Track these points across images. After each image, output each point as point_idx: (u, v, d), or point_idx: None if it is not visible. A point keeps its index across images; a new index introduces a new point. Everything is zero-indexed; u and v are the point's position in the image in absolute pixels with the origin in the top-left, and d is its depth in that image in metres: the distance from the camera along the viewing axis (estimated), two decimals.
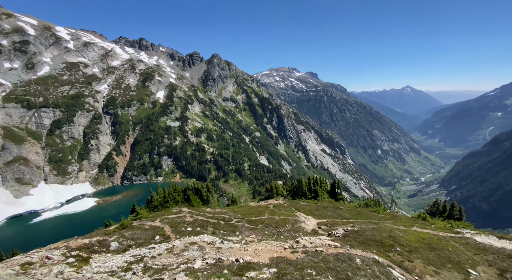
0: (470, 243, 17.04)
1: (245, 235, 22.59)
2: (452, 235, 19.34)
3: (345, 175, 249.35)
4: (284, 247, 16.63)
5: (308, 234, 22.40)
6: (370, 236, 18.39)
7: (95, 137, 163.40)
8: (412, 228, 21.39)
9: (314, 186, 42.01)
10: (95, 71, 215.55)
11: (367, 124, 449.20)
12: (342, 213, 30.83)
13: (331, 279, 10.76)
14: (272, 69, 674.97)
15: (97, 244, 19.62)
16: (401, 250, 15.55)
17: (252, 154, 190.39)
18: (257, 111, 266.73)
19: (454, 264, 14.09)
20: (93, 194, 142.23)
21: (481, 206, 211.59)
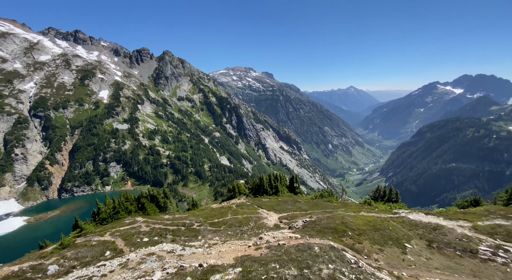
0: (405, 221, 19.94)
1: (208, 239, 22.02)
2: (391, 215, 22.33)
3: (302, 169, 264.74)
4: (248, 245, 16.77)
5: (271, 229, 23.08)
6: (326, 224, 19.92)
7: (20, 145, 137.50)
8: (360, 213, 23.93)
9: (274, 182, 43.45)
10: (17, 67, 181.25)
11: (319, 121, 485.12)
12: (300, 206, 32.64)
13: (294, 270, 11.29)
14: (229, 68, 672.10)
15: (30, 270, 16.61)
16: (352, 234, 17.27)
17: (212, 155, 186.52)
18: (215, 111, 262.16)
19: (394, 241, 16.30)
20: (21, 212, 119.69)
21: (412, 188, 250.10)
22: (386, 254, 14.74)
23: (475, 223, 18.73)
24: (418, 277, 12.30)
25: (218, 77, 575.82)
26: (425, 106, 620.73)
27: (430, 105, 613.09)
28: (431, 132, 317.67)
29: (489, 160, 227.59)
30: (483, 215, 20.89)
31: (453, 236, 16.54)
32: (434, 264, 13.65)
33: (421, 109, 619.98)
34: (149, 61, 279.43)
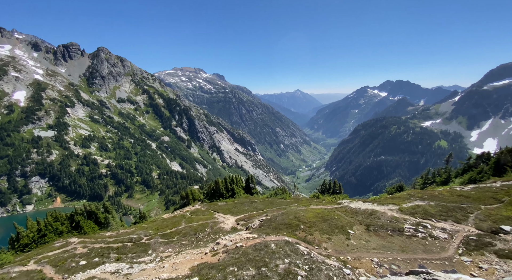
0: (347, 210, 22.31)
1: (159, 252, 20.36)
2: (336, 206, 24.70)
3: (257, 170, 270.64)
4: (205, 252, 16.16)
5: (228, 233, 22.77)
6: (280, 220, 20.74)
7: None
8: (310, 206, 25.73)
9: (230, 184, 43.11)
10: None
11: (271, 123, 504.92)
12: (257, 205, 33.22)
13: (252, 270, 11.36)
14: (177, 68, 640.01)
15: None
16: (304, 227, 18.42)
17: (161, 161, 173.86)
18: (163, 113, 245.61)
19: (339, 229, 18.04)
20: None
21: (351, 180, 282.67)
22: (333, 242, 16.18)
23: (400, 206, 22.26)
24: (360, 258, 13.87)
25: (165, 78, 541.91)
26: (359, 108, 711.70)
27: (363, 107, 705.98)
28: (364, 130, 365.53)
29: (408, 151, 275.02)
30: (406, 198, 24.99)
31: (385, 218, 19.28)
32: (372, 245, 15.63)
33: (356, 110, 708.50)
34: (79, 58, 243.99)
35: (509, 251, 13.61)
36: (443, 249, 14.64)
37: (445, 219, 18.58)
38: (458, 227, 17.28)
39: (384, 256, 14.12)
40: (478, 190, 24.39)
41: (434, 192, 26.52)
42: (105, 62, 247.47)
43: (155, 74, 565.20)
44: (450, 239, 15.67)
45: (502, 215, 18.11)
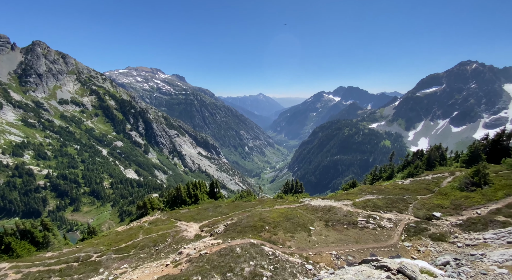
0: (308, 208, 23.48)
1: (113, 269, 18.41)
2: (298, 204, 25.79)
3: (222, 173, 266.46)
4: (166, 264, 15.18)
5: (192, 241, 21.81)
6: (246, 223, 20.72)
7: None
8: (274, 207, 26.34)
9: (193, 190, 41.49)
10: None
11: (235, 125, 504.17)
12: (222, 210, 32.61)
13: (217, 277, 11.06)
14: (131, 68, 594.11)
15: None
16: (269, 227, 18.74)
17: (114, 169, 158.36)
18: (115, 116, 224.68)
19: (302, 226, 18.85)
20: None
21: (312, 179, 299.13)
22: (296, 240, 16.82)
23: (354, 201, 24.33)
24: (320, 253, 14.69)
25: (117, 78, 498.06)
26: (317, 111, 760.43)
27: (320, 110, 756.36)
28: (322, 132, 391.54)
29: (359, 151, 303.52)
30: (358, 193, 27.42)
31: (341, 213, 20.84)
32: (331, 239, 16.71)
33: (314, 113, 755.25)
34: (9, 53, 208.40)
35: (440, 234, 16.00)
36: (390, 237, 16.46)
37: (390, 210, 20.96)
38: (401, 216, 19.65)
39: (341, 248, 15.22)
40: (415, 183, 28.17)
41: (381, 186, 29.72)
42: (43, 58, 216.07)
43: (106, 73, 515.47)
44: (394, 227, 17.72)
45: (434, 203, 21.22)
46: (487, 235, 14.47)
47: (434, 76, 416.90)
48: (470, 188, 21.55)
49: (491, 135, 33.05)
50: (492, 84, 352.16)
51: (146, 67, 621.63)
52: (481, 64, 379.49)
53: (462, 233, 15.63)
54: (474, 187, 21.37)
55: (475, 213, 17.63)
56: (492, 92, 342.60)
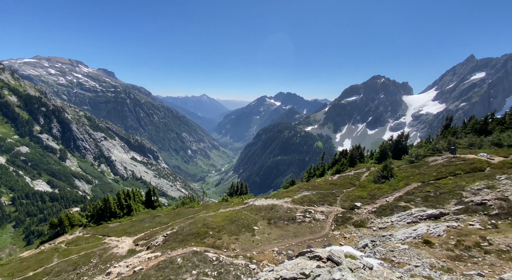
0: (253, 208, 24.03)
1: None
2: (243, 206, 26.10)
3: (161, 180, 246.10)
4: None
5: (124, 258, 19.24)
6: (188, 231, 19.63)
7: None
8: (219, 210, 25.89)
9: (126, 200, 36.83)
10: None
11: (176, 127, 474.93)
12: (161, 220, 30.02)
13: None
14: (41, 57, 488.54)
15: None
16: (213, 232, 18.26)
17: (16, 180, 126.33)
18: (18, 115, 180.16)
19: (246, 227, 19.10)
20: None
21: (256, 179, 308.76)
22: (241, 241, 16.92)
23: (293, 197, 26.21)
24: (263, 251, 15.18)
25: (21, 68, 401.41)
26: (260, 114, 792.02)
27: (263, 114, 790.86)
28: (265, 134, 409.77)
29: (298, 151, 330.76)
30: (296, 191, 29.68)
31: (282, 210, 22.11)
32: (273, 236, 17.49)
33: (258, 116, 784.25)
34: None
35: (361, 221, 18.80)
36: (323, 228, 18.37)
37: (323, 203, 23.46)
38: (331, 208, 22.22)
39: (282, 244, 16.11)
40: (341, 178, 32.39)
41: (315, 183, 32.99)
42: None
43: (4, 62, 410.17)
44: (326, 219, 19.89)
45: (356, 195, 24.83)
46: (394, 218, 17.82)
47: (354, 87, 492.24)
48: (381, 180, 26.18)
49: (394, 137, 41.11)
50: (395, 95, 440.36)
51: (63, 58, 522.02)
52: (387, 79, 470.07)
53: (376, 219, 18.77)
54: (384, 179, 26.08)
55: (385, 201, 21.48)
56: (395, 102, 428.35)
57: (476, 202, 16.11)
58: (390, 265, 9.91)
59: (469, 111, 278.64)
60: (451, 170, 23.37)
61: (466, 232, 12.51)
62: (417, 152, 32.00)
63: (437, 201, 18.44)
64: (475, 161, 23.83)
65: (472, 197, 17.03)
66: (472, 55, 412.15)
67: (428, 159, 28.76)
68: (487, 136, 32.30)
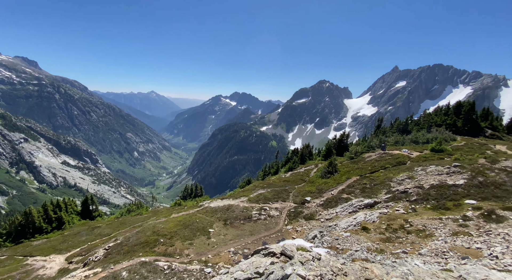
0: (208, 210, 23.40)
1: None
2: (198, 209, 25.17)
3: (101, 186, 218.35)
4: None
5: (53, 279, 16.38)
6: (135, 241, 17.90)
7: None
8: (171, 216, 24.38)
9: (55, 212, 31.42)
10: None
11: (119, 127, 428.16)
12: (101, 231, 26.62)
13: None
14: None
15: None
16: (164, 240, 17.08)
17: None
18: None
19: (201, 231, 18.47)
20: None
21: (212, 180, 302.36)
22: (195, 245, 16.27)
23: (249, 196, 26.53)
24: (219, 253, 14.92)
25: None
26: (215, 114, 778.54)
27: (218, 113, 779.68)
28: (221, 134, 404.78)
29: (253, 151, 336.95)
30: (252, 189, 30.15)
31: (239, 210, 22.15)
32: (229, 237, 17.35)
33: (213, 116, 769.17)
34: None
35: (310, 214, 20.23)
36: (277, 224, 19.11)
37: (277, 200, 24.42)
38: (284, 204, 23.31)
39: (239, 243, 16.13)
40: (294, 175, 34.33)
41: (270, 180, 34.13)
42: None
43: None
44: (280, 215, 20.77)
45: (306, 190, 26.62)
46: (338, 209, 19.74)
47: (303, 90, 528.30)
48: (327, 175, 28.72)
49: (337, 136, 45.63)
50: (338, 99, 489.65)
51: None
52: (331, 83, 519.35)
53: (323, 211, 20.48)
54: (329, 175, 28.68)
55: (331, 194, 23.63)
56: (338, 105, 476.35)
57: (400, 191, 19.12)
58: (335, 252, 10.93)
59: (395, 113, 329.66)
60: (382, 164, 27.19)
61: (393, 217, 14.71)
62: (355, 149, 36.20)
63: (372, 191, 21.21)
64: (399, 156, 28.29)
65: (397, 187, 20.14)
66: (396, 66, 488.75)
67: (364, 155, 32.81)
68: (408, 135, 38.73)
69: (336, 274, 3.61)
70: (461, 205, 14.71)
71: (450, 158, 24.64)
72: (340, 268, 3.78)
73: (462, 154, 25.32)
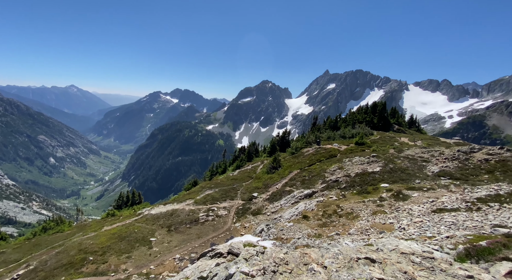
0: (149, 218, 21.42)
1: None
2: (136, 218, 22.74)
3: (3, 202, 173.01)
4: None
5: None
6: (55, 264, 14.92)
7: None
8: (102, 229, 21.30)
9: None
10: None
11: (28, 128, 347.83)
12: (6, 257, 21.14)
13: None
14: None
15: None
16: (95, 257, 14.80)
17: None
18: None
19: (141, 241, 16.75)
20: None
21: (153, 185, 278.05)
22: (134, 258, 14.67)
23: (195, 198, 25.51)
24: (163, 262, 13.86)
25: None
26: (154, 112, 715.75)
27: (158, 111, 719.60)
28: (162, 134, 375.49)
29: (199, 151, 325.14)
30: (199, 191, 29.12)
31: (184, 214, 21.05)
32: (174, 243, 16.30)
33: (151, 114, 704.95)
34: None
35: (257, 209, 20.87)
36: (225, 223, 19.00)
37: (225, 199, 24.29)
38: (232, 202, 23.38)
39: (185, 249, 15.34)
40: (241, 173, 34.79)
41: (218, 180, 33.66)
42: None
43: None
44: (228, 213, 20.73)
45: (253, 186, 27.34)
46: (282, 201, 20.99)
47: (248, 89, 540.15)
48: (272, 171, 30.20)
49: (280, 133, 48.44)
50: (279, 98, 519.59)
51: None
52: (273, 84, 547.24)
53: (269, 204, 21.45)
54: (274, 170, 30.22)
55: (276, 188, 24.94)
56: (280, 104, 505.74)
57: (333, 180, 21.69)
58: (281, 243, 11.60)
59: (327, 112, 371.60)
60: (317, 157, 30.26)
61: (328, 204, 16.57)
62: (296, 145, 39.21)
63: (310, 182, 23.37)
64: (331, 150, 32.03)
65: (330, 177, 22.78)
66: (327, 70, 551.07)
67: (303, 150, 35.85)
68: (338, 131, 44.23)
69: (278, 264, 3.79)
70: (378, 189, 17.70)
71: (369, 150, 29.36)
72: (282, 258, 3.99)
73: (378, 146, 30.51)
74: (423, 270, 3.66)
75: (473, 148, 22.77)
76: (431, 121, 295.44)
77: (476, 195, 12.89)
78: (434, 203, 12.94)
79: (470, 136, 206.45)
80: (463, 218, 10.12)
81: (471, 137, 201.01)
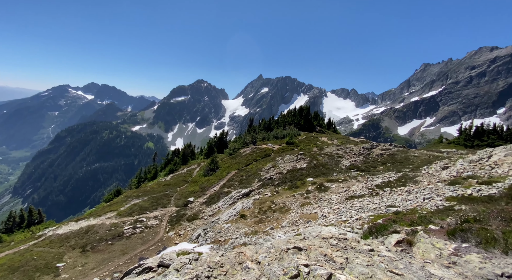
0: (54, 239, 17.37)
1: None
2: (35, 241, 18.08)
3: None
4: None
5: None
6: None
7: None
8: None
9: None
10: None
11: None
12: None
13: None
14: None
15: None
16: None
17: None
18: None
19: (42, 269, 13.41)
20: None
21: (60, 199, 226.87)
22: None
23: (119, 210, 22.27)
24: None
25: None
26: (60, 110, 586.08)
27: (65, 109, 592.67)
28: (71, 136, 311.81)
29: (123, 155, 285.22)
30: (123, 201, 25.58)
31: (104, 230, 18.05)
32: (90, 265, 13.76)
33: (56, 112, 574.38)
34: None
35: (194, 214, 19.96)
36: (157, 234, 17.36)
37: (156, 207, 22.20)
38: (165, 210, 21.59)
39: (106, 269, 13.18)
40: (175, 177, 32.56)
41: (147, 187, 30.42)
42: None
43: None
44: (160, 223, 19.03)
45: (189, 190, 26.01)
46: (220, 203, 20.77)
47: (181, 88, 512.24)
48: (210, 173, 29.53)
49: (218, 134, 47.93)
50: (216, 99, 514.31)
51: None
52: (209, 84, 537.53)
53: (207, 208, 20.88)
54: (212, 172, 29.63)
55: (213, 190, 24.49)
56: (217, 105, 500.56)
57: (267, 178, 22.98)
58: (218, 245, 11.43)
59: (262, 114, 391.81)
60: (254, 157, 31.47)
61: (264, 201, 17.44)
62: (233, 146, 39.65)
63: (247, 182, 24.04)
64: (266, 149, 33.90)
65: (265, 175, 24.07)
66: (261, 74, 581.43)
67: (241, 151, 36.60)
68: (271, 132, 47.19)
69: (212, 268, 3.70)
70: (305, 183, 19.81)
71: (298, 148, 32.57)
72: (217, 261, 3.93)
73: (304, 145, 34.19)
74: (339, 251, 4.30)
75: (372, 145, 28.47)
76: (344, 123, 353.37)
77: (375, 183, 16.14)
78: (347, 192, 15.45)
79: (370, 135, 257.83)
80: (367, 202, 12.49)
81: (371, 136, 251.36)
